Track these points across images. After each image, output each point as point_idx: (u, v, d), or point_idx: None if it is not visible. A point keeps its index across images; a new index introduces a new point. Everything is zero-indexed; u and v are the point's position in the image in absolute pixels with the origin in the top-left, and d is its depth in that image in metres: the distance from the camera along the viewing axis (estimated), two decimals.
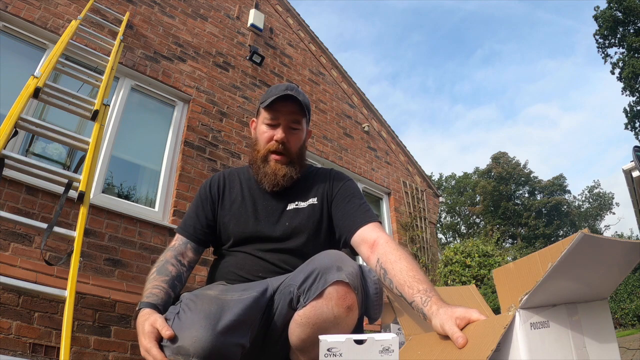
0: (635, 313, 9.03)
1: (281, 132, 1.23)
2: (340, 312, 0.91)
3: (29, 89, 2.22)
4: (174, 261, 1.17)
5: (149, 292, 1.06)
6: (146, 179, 3.73)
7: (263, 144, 1.26)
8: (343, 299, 0.91)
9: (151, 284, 1.08)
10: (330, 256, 0.98)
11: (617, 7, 18.24)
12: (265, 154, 1.25)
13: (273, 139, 1.24)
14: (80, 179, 2.08)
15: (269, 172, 1.23)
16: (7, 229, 2.48)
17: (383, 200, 5.86)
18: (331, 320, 0.92)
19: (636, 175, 6.19)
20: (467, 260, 5.11)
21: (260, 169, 1.25)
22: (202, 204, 1.29)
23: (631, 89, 18.39)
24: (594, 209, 31.52)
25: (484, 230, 30.32)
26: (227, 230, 1.24)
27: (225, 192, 1.30)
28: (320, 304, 0.91)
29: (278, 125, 1.24)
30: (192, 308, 0.94)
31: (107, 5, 3.66)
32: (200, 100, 4.01)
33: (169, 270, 1.13)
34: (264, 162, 1.25)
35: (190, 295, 1.01)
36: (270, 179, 1.23)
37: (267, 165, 1.24)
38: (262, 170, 1.24)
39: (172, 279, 1.12)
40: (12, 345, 2.16)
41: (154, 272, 1.13)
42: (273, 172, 1.23)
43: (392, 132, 6.49)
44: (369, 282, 1.03)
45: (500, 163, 31.64)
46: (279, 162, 1.24)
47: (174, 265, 1.16)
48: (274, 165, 1.23)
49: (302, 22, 5.73)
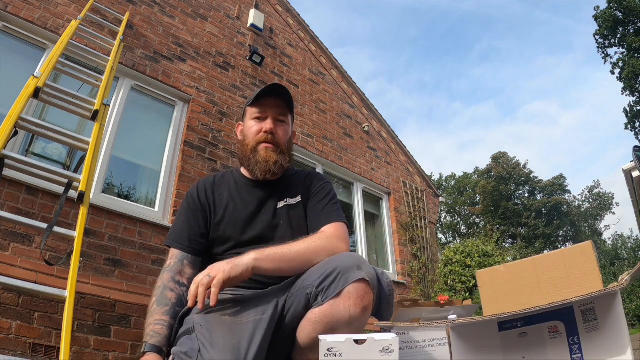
0: (635, 313, 9.03)
1: (270, 122, 1.27)
2: (356, 312, 0.93)
3: (29, 89, 2.22)
4: (172, 285, 1.15)
5: (151, 329, 1.05)
6: (146, 179, 3.73)
7: (252, 137, 1.28)
8: (362, 299, 0.94)
9: (152, 319, 1.07)
10: (351, 257, 1.01)
11: (617, 7, 18.23)
12: (254, 145, 1.27)
13: (262, 131, 1.27)
14: (80, 179, 2.08)
15: (261, 160, 1.25)
16: (7, 229, 2.48)
17: (383, 200, 5.86)
18: (345, 320, 0.94)
19: (636, 175, 6.19)
20: (467, 260, 5.11)
21: (251, 159, 1.27)
22: (192, 213, 1.26)
23: (631, 89, 18.39)
24: (594, 209, 31.51)
25: (484, 230, 30.32)
26: (223, 237, 1.23)
27: (215, 198, 1.29)
28: (338, 302, 0.93)
29: (266, 118, 1.28)
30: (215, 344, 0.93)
31: (107, 5, 3.66)
32: (200, 100, 4.01)
33: (169, 298, 1.12)
34: (254, 153, 1.27)
35: (203, 322, 1.01)
36: (262, 166, 1.24)
37: (257, 154, 1.26)
38: (254, 160, 1.26)
39: (172, 308, 1.11)
40: (12, 345, 2.16)
41: (154, 302, 1.11)
42: (264, 159, 1.25)
43: (392, 132, 6.49)
44: (384, 284, 1.06)
45: (500, 163, 31.64)
46: (269, 149, 1.26)
47: (173, 290, 1.14)
48: (265, 153, 1.25)
49: (302, 22, 5.73)
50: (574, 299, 1.29)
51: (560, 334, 1.40)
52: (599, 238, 28.26)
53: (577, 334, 1.36)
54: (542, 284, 1.51)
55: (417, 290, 5.30)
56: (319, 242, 1.11)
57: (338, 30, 60.30)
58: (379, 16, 59.60)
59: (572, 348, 1.36)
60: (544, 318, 1.46)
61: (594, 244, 1.49)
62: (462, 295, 4.76)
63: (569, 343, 1.37)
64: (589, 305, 1.36)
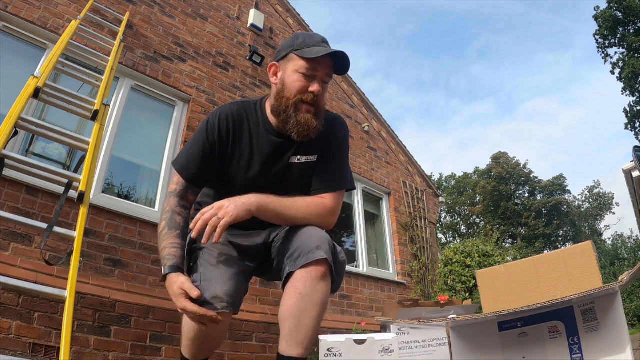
0: (635, 313, 9.02)
1: (318, 85, 1.23)
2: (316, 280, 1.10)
3: (29, 89, 2.22)
4: (179, 210, 1.25)
5: (167, 253, 1.16)
6: (146, 179, 3.73)
7: (294, 92, 1.23)
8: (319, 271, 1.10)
9: (166, 242, 1.18)
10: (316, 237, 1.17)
11: (617, 7, 18.22)
12: (296, 102, 1.23)
13: (308, 90, 1.22)
14: (80, 179, 2.08)
15: (302, 122, 1.22)
16: (7, 229, 2.47)
17: (383, 200, 5.86)
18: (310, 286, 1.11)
19: (636, 175, 6.19)
20: (467, 260, 5.10)
21: (290, 116, 1.23)
22: (209, 146, 1.27)
23: (631, 89, 18.38)
24: (594, 209, 31.51)
25: (484, 230, 30.31)
26: (232, 176, 1.30)
27: (235, 136, 1.29)
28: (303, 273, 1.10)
29: (314, 77, 1.23)
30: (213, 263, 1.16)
31: (107, 5, 3.66)
32: (200, 100, 4.01)
33: (178, 222, 1.22)
34: (295, 110, 1.23)
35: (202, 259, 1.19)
36: (303, 129, 1.23)
37: (299, 114, 1.23)
38: (294, 119, 1.23)
39: (182, 230, 1.22)
40: (12, 345, 2.16)
41: (165, 226, 1.21)
42: (306, 122, 1.22)
43: (392, 132, 6.49)
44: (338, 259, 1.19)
45: (500, 163, 31.63)
46: (310, 113, 1.23)
47: (180, 215, 1.24)
48: (306, 116, 1.23)
49: (302, 22, 5.73)
50: (573, 297, 1.29)
51: (560, 334, 1.40)
52: (599, 238, 28.24)
53: (577, 333, 1.36)
54: (542, 284, 1.51)
55: (417, 291, 5.30)
56: (316, 210, 1.25)
57: (334, 26, 60.13)
58: (376, 12, 59.49)
59: (572, 348, 1.36)
60: (544, 318, 1.46)
61: (594, 244, 1.49)
62: (462, 295, 4.76)
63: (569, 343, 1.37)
64: (589, 305, 1.36)
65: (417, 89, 65.39)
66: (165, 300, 2.93)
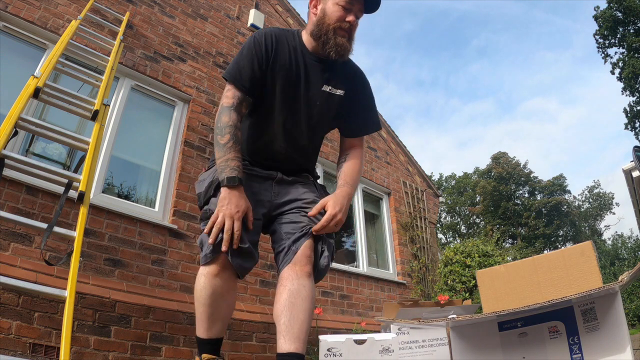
0: (635, 313, 9.03)
1: (353, 17, 1.42)
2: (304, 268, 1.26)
3: (29, 89, 2.22)
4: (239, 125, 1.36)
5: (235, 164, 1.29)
6: (146, 179, 3.73)
7: (334, 19, 1.41)
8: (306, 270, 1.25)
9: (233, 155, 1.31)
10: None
11: (617, 7, 18.22)
12: (335, 28, 1.40)
13: (345, 19, 1.41)
14: (80, 179, 2.08)
15: (340, 44, 1.41)
16: (7, 229, 2.48)
17: (383, 200, 5.86)
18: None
19: (636, 175, 6.19)
20: (467, 260, 5.11)
21: (330, 39, 1.41)
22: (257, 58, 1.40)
23: (631, 89, 18.38)
24: (594, 209, 31.51)
25: (484, 230, 30.31)
26: (270, 91, 1.41)
27: (278, 52, 1.43)
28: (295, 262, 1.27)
29: (350, 11, 1.42)
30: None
31: (107, 5, 3.66)
32: (200, 100, 4.02)
33: (239, 137, 1.34)
34: (334, 35, 1.41)
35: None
36: (340, 49, 1.41)
37: (337, 37, 1.41)
38: (333, 41, 1.40)
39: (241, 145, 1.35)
40: (12, 345, 2.16)
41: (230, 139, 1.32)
42: (342, 44, 1.41)
43: (392, 132, 6.50)
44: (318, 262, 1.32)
45: (500, 163, 31.64)
46: (345, 38, 1.42)
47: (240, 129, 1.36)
48: (342, 40, 1.41)
49: (302, 22, 5.72)
50: (573, 297, 1.29)
51: (560, 334, 1.40)
52: (599, 238, 28.24)
53: (577, 333, 1.36)
54: (542, 284, 1.51)
55: (417, 291, 5.30)
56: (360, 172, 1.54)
57: None
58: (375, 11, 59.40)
59: (572, 348, 1.36)
60: (544, 318, 1.46)
61: (593, 244, 1.49)
62: (462, 295, 4.76)
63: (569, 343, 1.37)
64: (589, 305, 1.36)
65: (417, 88, 65.39)
66: (166, 300, 2.93)
